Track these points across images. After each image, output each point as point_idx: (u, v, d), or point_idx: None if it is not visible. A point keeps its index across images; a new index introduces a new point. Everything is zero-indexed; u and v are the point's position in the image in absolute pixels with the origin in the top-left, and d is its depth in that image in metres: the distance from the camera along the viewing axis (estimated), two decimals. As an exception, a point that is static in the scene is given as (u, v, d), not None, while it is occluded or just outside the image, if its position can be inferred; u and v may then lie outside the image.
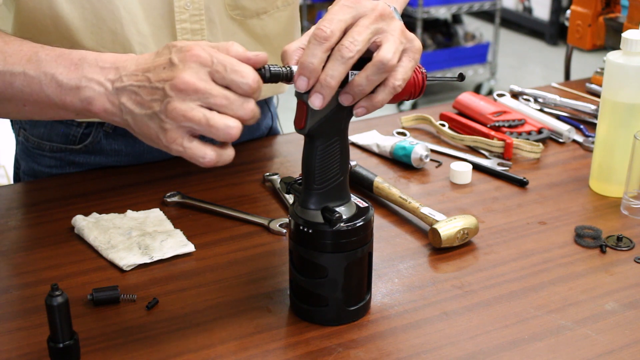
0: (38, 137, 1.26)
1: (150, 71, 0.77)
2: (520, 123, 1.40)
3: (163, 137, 0.76)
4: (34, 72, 0.83)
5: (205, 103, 0.74)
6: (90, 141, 1.23)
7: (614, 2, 1.61)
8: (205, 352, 0.84)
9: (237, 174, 1.26)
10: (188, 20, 1.10)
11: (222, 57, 0.75)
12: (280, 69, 0.79)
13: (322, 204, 0.85)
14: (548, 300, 0.94)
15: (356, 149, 1.35)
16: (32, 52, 0.86)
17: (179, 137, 0.75)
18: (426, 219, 1.08)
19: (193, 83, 0.74)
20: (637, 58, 1.12)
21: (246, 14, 1.15)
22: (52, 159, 1.26)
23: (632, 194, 1.13)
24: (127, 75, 0.78)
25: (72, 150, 1.25)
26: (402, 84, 0.81)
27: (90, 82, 0.80)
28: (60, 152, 1.25)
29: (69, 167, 1.26)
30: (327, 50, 0.77)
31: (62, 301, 0.76)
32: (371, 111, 0.83)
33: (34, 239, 1.06)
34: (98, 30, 1.05)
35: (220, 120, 0.74)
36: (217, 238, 1.07)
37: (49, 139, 1.25)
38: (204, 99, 0.74)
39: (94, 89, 0.80)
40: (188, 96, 0.74)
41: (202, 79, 0.74)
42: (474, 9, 4.60)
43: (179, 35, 1.10)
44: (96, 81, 0.80)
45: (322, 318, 0.89)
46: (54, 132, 1.24)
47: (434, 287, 0.97)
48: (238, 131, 0.75)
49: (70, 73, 0.82)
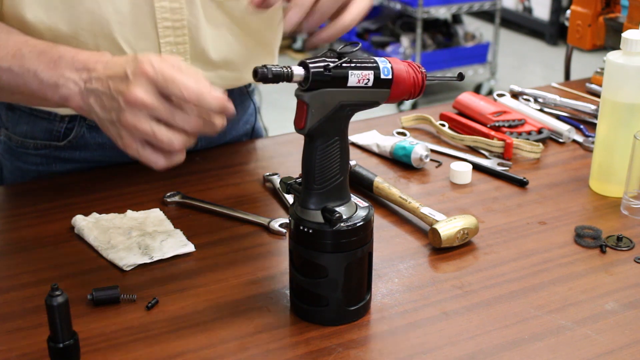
0: (21, 135, 1.24)
1: (111, 79, 0.85)
2: (520, 123, 1.40)
3: (120, 142, 0.86)
4: (18, 69, 0.93)
5: (153, 116, 0.83)
6: (73, 136, 1.23)
7: (614, 2, 1.61)
8: (205, 352, 0.84)
9: (237, 174, 1.26)
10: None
11: (166, 71, 0.82)
12: (281, 69, 0.79)
13: (322, 204, 0.85)
14: (548, 300, 0.94)
15: (356, 149, 1.35)
16: (16, 48, 0.94)
17: (133, 144, 0.85)
18: (426, 219, 1.08)
19: (141, 98, 0.82)
20: (637, 58, 1.12)
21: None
22: (37, 156, 1.25)
23: (632, 194, 1.13)
24: (96, 78, 0.87)
25: (56, 147, 1.24)
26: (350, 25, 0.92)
27: (67, 81, 0.89)
28: (45, 149, 1.24)
29: (55, 163, 1.25)
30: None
31: (62, 301, 0.76)
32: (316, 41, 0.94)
33: (34, 239, 1.06)
34: (74, 11, 1.05)
35: (164, 134, 0.83)
36: (217, 238, 1.07)
37: (32, 137, 1.24)
38: (151, 112, 0.82)
39: (69, 87, 0.89)
40: (138, 110, 0.82)
41: (150, 93, 0.82)
42: (474, 9, 4.60)
43: (157, 14, 1.09)
44: (72, 80, 0.89)
45: (322, 318, 0.89)
46: (37, 128, 1.23)
47: (434, 287, 0.97)
48: (181, 143, 0.83)
49: (50, 70, 0.90)
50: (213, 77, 1.19)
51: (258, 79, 0.79)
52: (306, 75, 0.80)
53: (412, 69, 0.87)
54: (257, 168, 1.28)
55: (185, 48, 1.14)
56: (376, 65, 0.84)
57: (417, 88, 0.88)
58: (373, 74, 0.84)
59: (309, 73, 0.80)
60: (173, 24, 1.11)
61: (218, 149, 1.35)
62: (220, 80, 1.21)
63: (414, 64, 0.88)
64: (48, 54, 0.92)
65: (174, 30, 1.12)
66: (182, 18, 1.11)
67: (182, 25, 1.12)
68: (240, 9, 1.16)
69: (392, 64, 0.85)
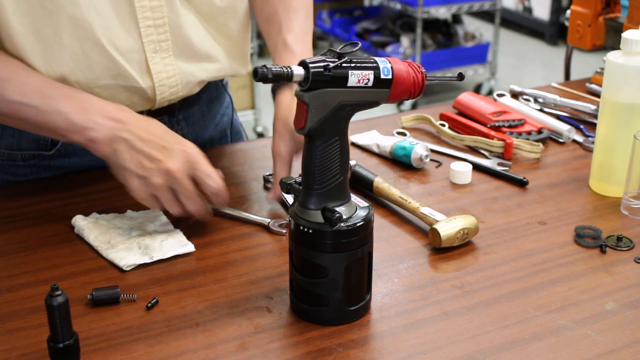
0: (7, 148, 1.23)
1: (153, 139, 1.02)
2: (520, 123, 1.40)
3: (134, 193, 1.03)
4: (46, 108, 1.04)
5: (175, 187, 1.01)
6: (61, 144, 1.23)
7: (614, 2, 1.61)
8: (205, 352, 0.84)
9: (237, 174, 1.26)
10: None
11: (199, 159, 1.03)
12: (281, 69, 0.79)
13: (322, 204, 0.85)
14: (548, 300, 0.94)
15: (356, 149, 1.35)
16: (40, 87, 1.05)
17: (145, 199, 1.03)
18: (426, 219, 1.08)
19: (179, 169, 1.01)
20: (637, 58, 1.12)
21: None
22: (26, 167, 1.24)
23: (632, 194, 1.13)
24: (127, 130, 1.02)
25: (44, 156, 1.24)
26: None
27: (99, 125, 1.03)
28: (34, 159, 1.24)
29: (44, 172, 1.25)
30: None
31: (62, 301, 0.76)
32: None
33: (34, 239, 1.06)
34: (57, 17, 1.05)
35: (174, 207, 1.03)
36: (217, 238, 1.07)
37: (19, 148, 1.22)
38: (176, 185, 1.01)
39: (100, 131, 1.02)
40: (171, 179, 1.01)
41: (182, 170, 1.01)
42: (474, 9, 4.60)
43: (139, 13, 1.10)
44: (104, 126, 1.03)
45: (322, 318, 0.89)
46: (23, 139, 1.22)
47: (434, 287, 0.97)
48: (182, 215, 1.04)
49: (82, 115, 1.03)
50: (197, 71, 1.21)
51: (258, 79, 0.79)
52: (306, 75, 0.80)
53: (412, 69, 0.87)
54: (257, 168, 1.28)
55: (168, 45, 1.15)
56: (376, 65, 0.84)
57: (417, 88, 0.88)
58: (373, 74, 0.84)
59: (309, 73, 0.80)
60: (154, 22, 1.12)
61: (218, 149, 1.35)
62: (203, 73, 1.22)
63: (414, 64, 0.88)
64: (75, 98, 1.05)
65: (156, 28, 1.13)
66: (162, 16, 1.13)
67: (164, 22, 1.13)
68: (208, 4, 1.17)
69: (392, 64, 0.85)
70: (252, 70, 0.80)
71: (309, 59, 0.81)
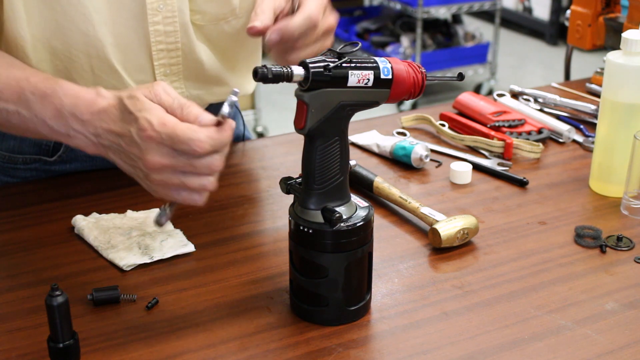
0: (8, 150, 1.22)
1: (121, 137, 0.87)
2: (520, 123, 1.40)
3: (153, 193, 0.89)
4: (27, 114, 0.94)
5: (178, 172, 0.85)
6: (63, 151, 1.22)
7: (614, 2, 1.61)
8: (205, 352, 0.84)
9: (237, 174, 1.26)
10: (161, 23, 1.09)
11: (169, 131, 0.83)
12: (281, 69, 0.80)
13: (322, 204, 0.85)
14: (548, 300, 0.94)
15: (356, 149, 1.35)
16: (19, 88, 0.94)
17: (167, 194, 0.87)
18: (426, 219, 1.08)
19: (159, 162, 0.84)
20: (637, 58, 1.12)
21: (205, 19, 1.15)
22: (27, 170, 1.24)
23: (632, 194, 1.13)
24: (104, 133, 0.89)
25: (46, 162, 1.23)
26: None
27: (77, 133, 0.91)
28: (35, 163, 1.23)
29: (46, 176, 1.24)
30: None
31: (62, 301, 0.76)
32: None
33: (34, 239, 1.06)
34: (68, 32, 1.05)
35: (195, 182, 0.86)
36: (217, 238, 1.07)
37: (20, 152, 1.22)
38: (175, 170, 0.85)
39: (81, 139, 0.91)
40: (162, 172, 0.85)
41: (165, 155, 0.84)
42: (474, 9, 4.60)
43: (152, 37, 1.09)
44: (81, 133, 0.91)
45: (322, 318, 0.89)
46: (25, 143, 1.21)
47: (434, 287, 0.97)
48: (211, 183, 0.87)
49: (57, 120, 0.92)
50: (205, 94, 1.21)
51: (258, 79, 0.79)
52: (306, 75, 0.81)
53: (412, 68, 0.87)
54: (257, 168, 1.28)
55: (179, 68, 1.14)
56: (376, 65, 0.84)
57: (417, 88, 0.88)
58: (373, 74, 0.84)
59: (309, 73, 0.80)
60: (167, 46, 1.11)
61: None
62: (212, 97, 1.22)
63: (414, 64, 0.88)
64: (50, 100, 0.93)
65: (168, 52, 1.12)
66: (176, 40, 1.11)
67: (177, 47, 1.12)
68: (217, 31, 1.16)
69: (392, 64, 0.85)
70: (252, 70, 0.80)
71: (309, 59, 0.81)
